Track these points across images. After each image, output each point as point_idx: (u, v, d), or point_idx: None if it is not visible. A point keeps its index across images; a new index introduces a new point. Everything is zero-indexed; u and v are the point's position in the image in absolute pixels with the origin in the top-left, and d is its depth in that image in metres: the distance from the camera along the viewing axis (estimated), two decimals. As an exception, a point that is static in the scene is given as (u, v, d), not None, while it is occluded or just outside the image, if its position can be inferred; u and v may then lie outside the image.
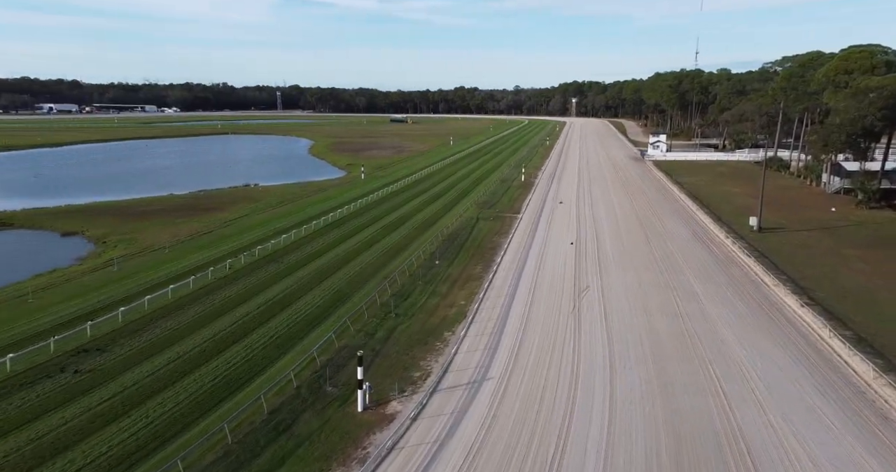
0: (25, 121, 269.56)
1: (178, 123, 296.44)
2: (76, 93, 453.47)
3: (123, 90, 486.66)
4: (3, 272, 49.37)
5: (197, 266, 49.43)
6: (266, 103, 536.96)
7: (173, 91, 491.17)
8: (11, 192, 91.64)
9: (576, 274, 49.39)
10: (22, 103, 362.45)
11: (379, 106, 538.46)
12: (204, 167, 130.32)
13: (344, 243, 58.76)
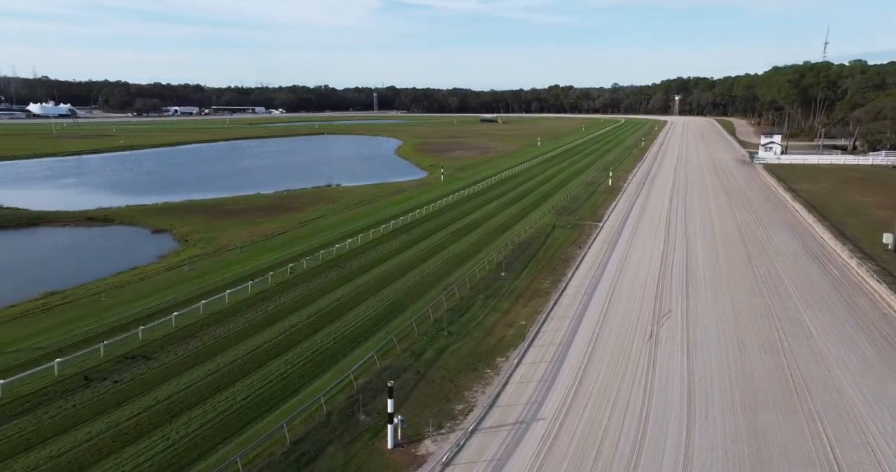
0: (152, 122, 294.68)
1: (281, 124, 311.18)
2: (198, 96, 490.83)
3: (238, 93, 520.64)
4: (92, 267, 51.70)
5: (261, 269, 48.99)
6: (363, 104, 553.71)
7: (280, 93, 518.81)
8: (123, 189, 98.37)
9: (657, 295, 43.66)
10: (152, 106, 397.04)
11: (471, 106, 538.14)
12: (295, 167, 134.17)
13: (410, 249, 56.39)
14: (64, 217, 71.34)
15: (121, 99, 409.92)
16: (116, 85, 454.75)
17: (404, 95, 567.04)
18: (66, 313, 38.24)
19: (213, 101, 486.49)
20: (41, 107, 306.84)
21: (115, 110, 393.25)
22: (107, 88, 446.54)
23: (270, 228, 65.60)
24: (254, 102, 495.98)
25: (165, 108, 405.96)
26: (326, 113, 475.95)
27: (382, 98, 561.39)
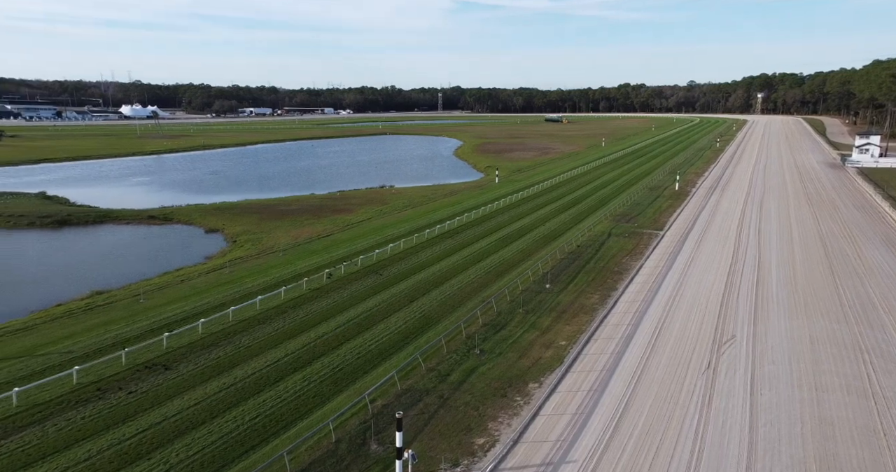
0: (227, 123, 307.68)
1: (347, 124, 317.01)
2: (272, 98, 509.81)
3: (309, 95, 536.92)
4: (142, 267, 52.50)
5: (299, 273, 47.90)
6: (428, 104, 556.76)
7: (349, 94, 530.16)
8: (188, 188, 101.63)
9: (720, 317, 38.95)
10: (229, 108, 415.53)
11: (536, 105, 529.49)
12: (353, 167, 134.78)
13: (452, 256, 53.82)
14: (128, 215, 73.81)
15: (202, 101, 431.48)
16: (199, 88, 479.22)
17: (469, 94, 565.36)
18: (105, 315, 38.36)
19: (286, 102, 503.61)
20: (131, 109, 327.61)
21: (196, 112, 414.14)
22: (190, 90, 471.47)
23: (316, 231, 64.93)
24: (323, 103, 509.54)
25: (241, 109, 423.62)
26: (391, 113, 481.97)
27: (447, 98, 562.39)
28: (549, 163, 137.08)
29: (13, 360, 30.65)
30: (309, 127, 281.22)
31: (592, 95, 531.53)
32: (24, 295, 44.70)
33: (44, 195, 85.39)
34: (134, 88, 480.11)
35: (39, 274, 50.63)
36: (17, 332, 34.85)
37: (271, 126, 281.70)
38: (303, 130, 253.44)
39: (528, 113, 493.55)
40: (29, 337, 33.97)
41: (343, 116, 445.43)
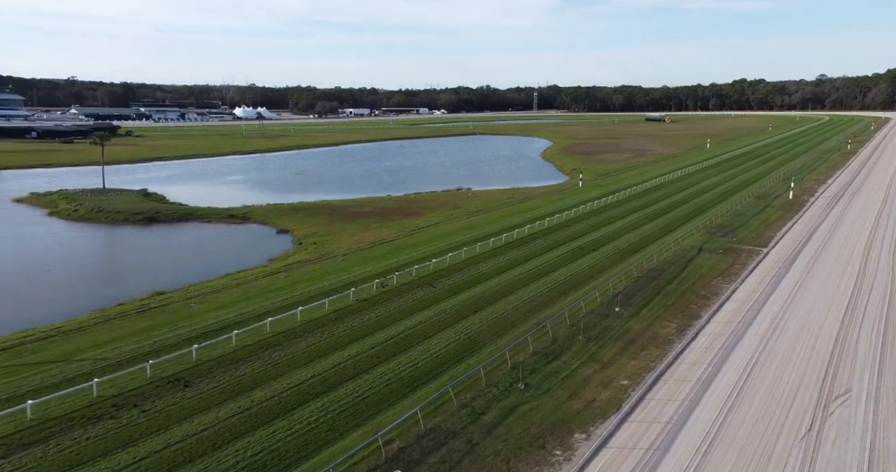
0: (326, 123, 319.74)
1: (439, 124, 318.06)
2: (371, 98, 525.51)
3: (406, 95, 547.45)
4: (208, 267, 52.93)
5: (352, 281, 45.65)
6: (523, 104, 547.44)
7: (443, 95, 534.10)
8: (273, 187, 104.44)
9: (831, 364, 31.71)
10: (330, 109, 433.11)
11: (637, 104, 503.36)
12: (435, 168, 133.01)
13: (514, 269, 49.33)
14: (210, 214, 76.25)
15: (306, 102, 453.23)
16: (305, 90, 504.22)
17: (565, 93, 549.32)
18: (154, 318, 38.14)
19: (384, 102, 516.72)
20: (242, 110, 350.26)
21: (301, 113, 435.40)
22: (297, 92, 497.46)
23: (382, 235, 62.94)
24: (419, 104, 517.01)
25: (342, 110, 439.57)
26: (485, 113, 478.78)
27: (543, 97, 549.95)
28: (643, 166, 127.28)
29: (51, 365, 30.63)
30: (401, 127, 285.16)
31: (702, 93, 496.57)
32: (96, 291, 46.12)
33: (144, 192, 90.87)
34: (249, 91, 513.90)
35: (115, 270, 52.62)
36: (69, 333, 35.24)
37: (366, 126, 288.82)
38: (394, 130, 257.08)
39: (628, 112, 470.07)
40: (75, 340, 34.13)
41: (437, 116, 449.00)
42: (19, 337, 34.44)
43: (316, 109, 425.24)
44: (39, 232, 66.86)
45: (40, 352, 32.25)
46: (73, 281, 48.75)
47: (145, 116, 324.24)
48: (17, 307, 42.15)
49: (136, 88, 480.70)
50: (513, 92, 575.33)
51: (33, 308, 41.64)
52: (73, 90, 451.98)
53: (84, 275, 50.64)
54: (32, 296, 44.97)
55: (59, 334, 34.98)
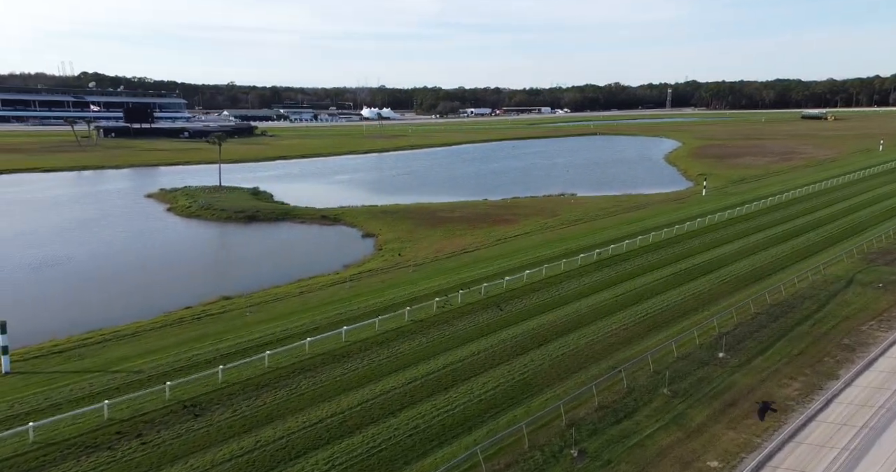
0: (445, 123, 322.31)
1: (560, 124, 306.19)
2: (494, 98, 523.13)
3: (528, 94, 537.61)
4: (283, 271, 52.00)
5: (414, 297, 41.60)
6: (655, 101, 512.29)
7: (568, 93, 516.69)
8: (374, 187, 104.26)
9: None
10: (451, 109, 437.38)
11: (794, 100, 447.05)
12: (544, 170, 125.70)
13: (599, 293, 42.25)
14: (305, 214, 76.86)
15: (430, 103, 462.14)
16: (429, 91, 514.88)
17: (705, 89, 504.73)
18: (204, 328, 36.91)
19: (506, 102, 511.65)
20: (368, 111, 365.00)
21: (424, 113, 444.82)
22: (422, 93, 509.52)
23: (464, 243, 58.43)
24: (542, 103, 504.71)
25: (463, 110, 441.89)
26: (612, 111, 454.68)
27: (678, 94, 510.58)
28: (788, 172, 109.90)
29: (87, 375, 29.89)
30: (519, 127, 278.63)
31: (879, 85, 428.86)
32: (173, 291, 46.72)
33: (255, 191, 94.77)
34: (379, 93, 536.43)
35: (199, 269, 53.59)
36: (123, 338, 34.98)
37: (484, 126, 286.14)
38: (511, 130, 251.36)
39: (781, 109, 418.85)
40: (124, 347, 33.64)
41: (559, 115, 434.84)
42: (80, 339, 34.77)
43: (438, 109, 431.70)
44: (154, 227, 71.27)
45: (88, 358, 32.01)
46: (158, 279, 50.12)
47: (283, 117, 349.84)
48: (101, 304, 43.64)
49: (281, 91, 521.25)
50: (644, 89, 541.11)
51: (113, 306, 42.79)
52: (231, 94, 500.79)
53: (170, 274, 51.96)
54: (119, 293, 46.56)
55: (114, 340, 34.82)
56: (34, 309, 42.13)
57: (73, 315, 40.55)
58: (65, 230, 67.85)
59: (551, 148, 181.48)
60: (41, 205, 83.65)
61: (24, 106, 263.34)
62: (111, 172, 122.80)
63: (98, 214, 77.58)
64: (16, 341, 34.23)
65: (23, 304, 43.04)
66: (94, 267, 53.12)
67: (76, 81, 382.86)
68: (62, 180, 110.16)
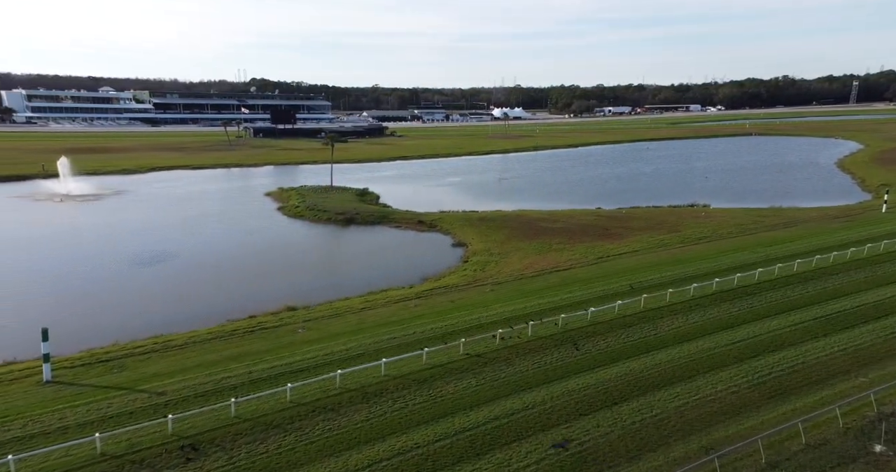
0: (578, 123, 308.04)
1: (710, 123, 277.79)
2: (635, 96, 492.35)
3: (675, 91, 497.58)
4: (360, 280, 49.79)
5: (478, 324, 36.52)
6: (836, 96, 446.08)
7: (723, 88, 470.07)
8: (480, 191, 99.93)
9: None
10: (585, 108, 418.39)
11: None
12: (677, 176, 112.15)
13: (709, 336, 33.74)
14: (402, 218, 74.69)
15: (564, 102, 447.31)
16: (565, 89, 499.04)
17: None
18: (252, 344, 34.90)
19: (649, 99, 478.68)
20: (498, 111, 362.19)
21: (558, 112, 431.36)
22: (557, 92, 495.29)
23: (557, 260, 51.83)
24: (690, 100, 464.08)
25: (599, 109, 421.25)
26: (777, 108, 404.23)
27: (868, 87, 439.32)
28: None
29: (113, 393, 28.51)
30: (658, 126, 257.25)
31: None
32: (246, 296, 46.36)
33: (363, 191, 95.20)
34: (514, 92, 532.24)
35: (280, 273, 53.07)
36: (170, 350, 34.11)
37: (618, 126, 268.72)
38: (649, 130, 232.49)
39: None
40: (164, 361, 32.57)
41: (710, 112, 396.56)
42: (132, 347, 34.61)
43: (571, 108, 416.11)
44: (259, 226, 73.57)
45: (125, 371, 31.24)
46: (236, 282, 50.17)
47: (417, 118, 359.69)
48: (173, 306, 44.18)
49: (420, 92, 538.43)
50: (822, 82, 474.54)
51: (184, 309, 43.16)
52: (374, 96, 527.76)
53: (250, 276, 51.90)
54: (195, 295, 46.96)
55: (162, 350, 34.14)
56: (112, 308, 43.59)
57: (143, 317, 41.25)
58: (180, 225, 72.36)
59: (693, 150, 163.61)
60: (174, 199, 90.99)
61: (199, 109, 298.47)
62: (248, 169, 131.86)
63: (217, 210, 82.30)
64: (82, 343, 35.23)
65: (103, 302, 44.66)
66: (187, 266, 54.93)
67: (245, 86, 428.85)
68: (203, 177, 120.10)
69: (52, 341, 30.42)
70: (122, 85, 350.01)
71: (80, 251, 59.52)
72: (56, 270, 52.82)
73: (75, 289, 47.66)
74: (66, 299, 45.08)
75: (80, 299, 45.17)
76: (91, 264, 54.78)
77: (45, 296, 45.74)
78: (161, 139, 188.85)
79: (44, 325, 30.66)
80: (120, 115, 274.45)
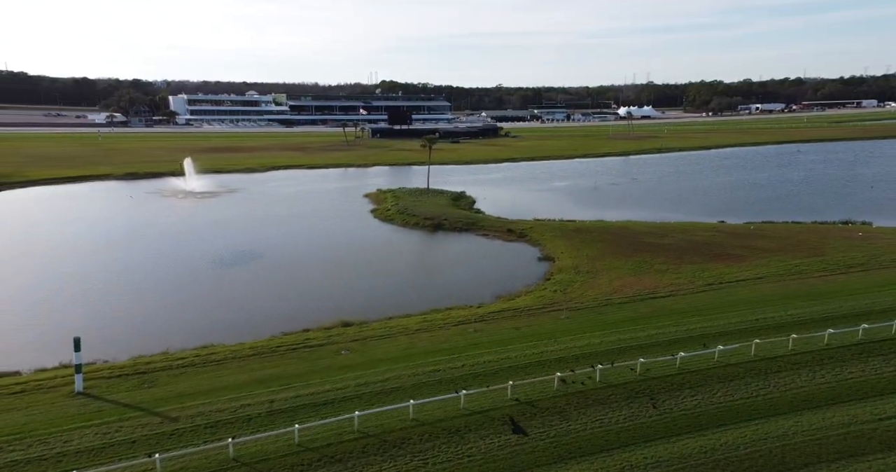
0: (714, 122, 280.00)
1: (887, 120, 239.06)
2: (791, 91, 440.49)
3: (843, 84, 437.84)
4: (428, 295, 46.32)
5: (539, 361, 31.36)
6: None
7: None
8: (583, 198, 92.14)
9: None
10: (727, 105, 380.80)
11: None
12: (831, 185, 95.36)
13: (841, 407, 25.57)
14: (491, 226, 70.10)
15: (702, 99, 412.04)
16: (704, 85, 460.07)
17: None
18: (290, 365, 32.31)
19: (809, 95, 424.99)
20: (625, 110, 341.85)
21: (694, 110, 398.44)
22: (695, 88, 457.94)
23: (656, 284, 44.45)
24: (863, 94, 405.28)
25: (744, 106, 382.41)
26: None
27: None
28: None
29: (131, 413, 26.97)
30: (818, 125, 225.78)
31: None
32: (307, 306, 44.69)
33: (458, 195, 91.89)
34: (645, 89, 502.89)
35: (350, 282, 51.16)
36: (208, 365, 32.71)
37: (767, 125, 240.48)
38: (806, 129, 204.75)
39: None
40: (196, 378, 30.79)
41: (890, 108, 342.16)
42: (172, 359, 33.73)
43: (710, 106, 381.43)
44: (347, 228, 73.00)
45: (155, 387, 29.84)
46: (304, 290, 48.81)
47: (537, 117, 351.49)
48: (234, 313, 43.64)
49: (543, 91, 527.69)
50: None
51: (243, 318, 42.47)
52: (497, 96, 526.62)
53: (321, 284, 50.53)
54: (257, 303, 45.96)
55: (201, 364, 32.84)
56: (176, 312, 43.79)
57: (201, 323, 41.12)
58: (274, 225, 74.02)
59: (862, 153, 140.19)
60: (280, 198, 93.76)
61: (328, 111, 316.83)
62: (358, 170, 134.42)
63: (313, 210, 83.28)
64: (136, 348, 35.43)
65: (170, 305, 45.03)
66: (262, 268, 54.75)
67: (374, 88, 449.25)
68: (314, 176, 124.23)
69: (108, 345, 30.18)
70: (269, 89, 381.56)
71: (175, 248, 62.10)
72: (143, 267, 54.72)
73: (150, 290, 48.45)
74: (140, 300, 46.00)
75: (151, 301, 45.95)
76: (178, 262, 56.55)
77: (121, 295, 47.07)
78: (288, 139, 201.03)
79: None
80: (261, 117, 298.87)
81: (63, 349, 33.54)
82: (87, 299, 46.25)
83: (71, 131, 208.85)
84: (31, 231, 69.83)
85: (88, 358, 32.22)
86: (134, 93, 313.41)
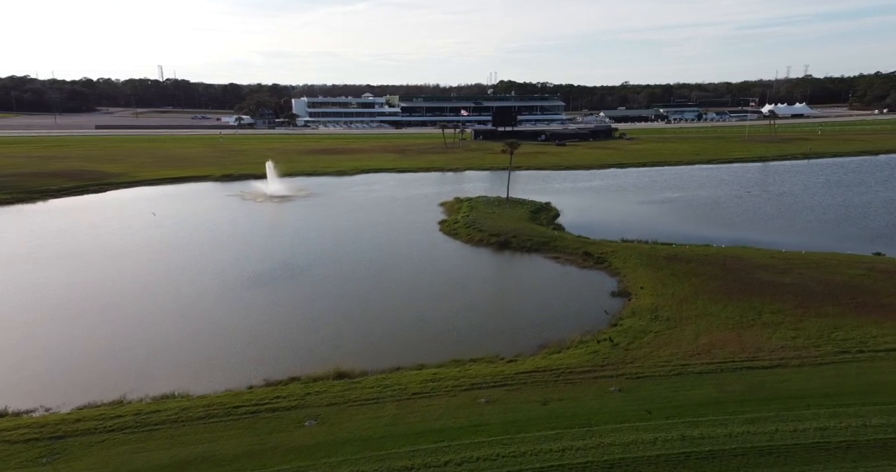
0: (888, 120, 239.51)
1: None
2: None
3: None
4: (455, 341, 38.94)
5: (563, 465, 22.58)
6: None
7: None
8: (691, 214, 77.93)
9: None
10: None
11: None
12: None
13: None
14: (566, 247, 60.07)
15: (875, 94, 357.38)
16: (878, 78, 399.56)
17: None
18: (232, 440, 26.04)
19: None
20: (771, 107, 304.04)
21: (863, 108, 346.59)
22: (864, 81, 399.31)
23: (760, 345, 32.90)
24: None
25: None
26: None
27: None
28: None
29: None
30: None
31: None
32: (309, 345, 39.22)
33: (541, 207, 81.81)
34: (800, 84, 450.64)
35: (373, 314, 44.50)
36: (140, 429, 27.20)
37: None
38: None
39: None
40: (110, 452, 25.00)
41: None
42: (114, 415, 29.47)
43: (885, 102, 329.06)
44: (406, 242, 66.77)
45: (58, 462, 24.59)
46: (325, 320, 43.18)
47: (662, 117, 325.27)
48: (221, 350, 39.14)
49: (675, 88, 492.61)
50: None
51: (227, 358, 37.74)
52: (622, 94, 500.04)
53: (342, 316, 44.58)
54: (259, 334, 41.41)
55: (133, 427, 27.31)
56: (159, 342, 39.60)
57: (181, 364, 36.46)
58: (333, 235, 69.84)
59: None
60: (355, 205, 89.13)
61: (440, 112, 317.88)
62: (449, 174, 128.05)
63: (382, 220, 78.02)
64: (96, 394, 31.27)
65: (156, 334, 40.86)
66: (291, 290, 49.75)
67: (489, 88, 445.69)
68: (400, 180, 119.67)
69: (66, 383, 26.21)
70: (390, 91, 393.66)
71: (215, 262, 58.97)
72: (167, 284, 51.69)
73: (137, 313, 44.27)
74: (114, 325, 41.68)
75: (133, 327, 41.52)
76: (210, 280, 52.75)
77: (88, 315, 43.43)
78: (392, 141, 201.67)
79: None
80: (373, 118, 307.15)
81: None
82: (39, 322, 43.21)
83: (203, 133, 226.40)
84: (30, 243, 65.96)
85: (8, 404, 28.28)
86: (262, 96, 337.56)
